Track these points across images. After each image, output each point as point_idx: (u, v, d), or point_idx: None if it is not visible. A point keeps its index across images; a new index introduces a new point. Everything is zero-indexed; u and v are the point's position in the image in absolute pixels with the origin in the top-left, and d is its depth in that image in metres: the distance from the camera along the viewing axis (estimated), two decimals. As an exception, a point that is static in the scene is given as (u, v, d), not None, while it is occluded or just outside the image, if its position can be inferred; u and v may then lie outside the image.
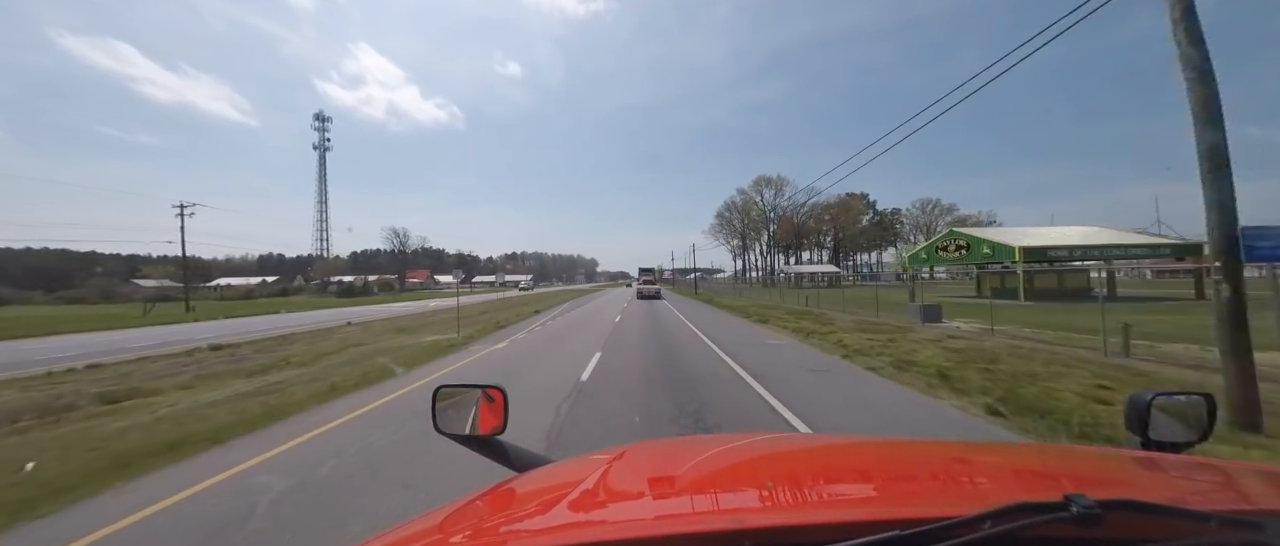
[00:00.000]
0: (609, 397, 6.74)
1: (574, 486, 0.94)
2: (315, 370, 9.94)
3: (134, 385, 9.10)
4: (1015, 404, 5.83)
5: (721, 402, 6.42)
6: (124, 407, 7.36)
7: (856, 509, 0.82)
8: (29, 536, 3.34)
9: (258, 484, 4.02)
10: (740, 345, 11.81)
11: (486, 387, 1.46)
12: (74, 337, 21.01)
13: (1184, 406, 1.19)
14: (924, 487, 0.99)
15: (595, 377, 8.10)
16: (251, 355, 13.39)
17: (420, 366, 10.00)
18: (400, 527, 0.90)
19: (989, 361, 8.52)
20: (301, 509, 3.57)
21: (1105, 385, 6.60)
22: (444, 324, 18.95)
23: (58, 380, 10.42)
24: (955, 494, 0.94)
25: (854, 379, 7.95)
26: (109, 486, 4.05)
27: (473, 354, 11.84)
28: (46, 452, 4.90)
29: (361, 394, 7.38)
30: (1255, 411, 4.78)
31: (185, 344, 16.48)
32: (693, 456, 1.19)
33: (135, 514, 3.55)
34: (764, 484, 1.01)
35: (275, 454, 4.74)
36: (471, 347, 12.90)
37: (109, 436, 5.41)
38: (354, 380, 8.23)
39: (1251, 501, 0.81)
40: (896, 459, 1.25)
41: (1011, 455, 1.34)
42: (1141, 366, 8.10)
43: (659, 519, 0.79)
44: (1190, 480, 0.98)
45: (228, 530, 3.27)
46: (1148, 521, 0.62)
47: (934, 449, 1.47)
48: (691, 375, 8.20)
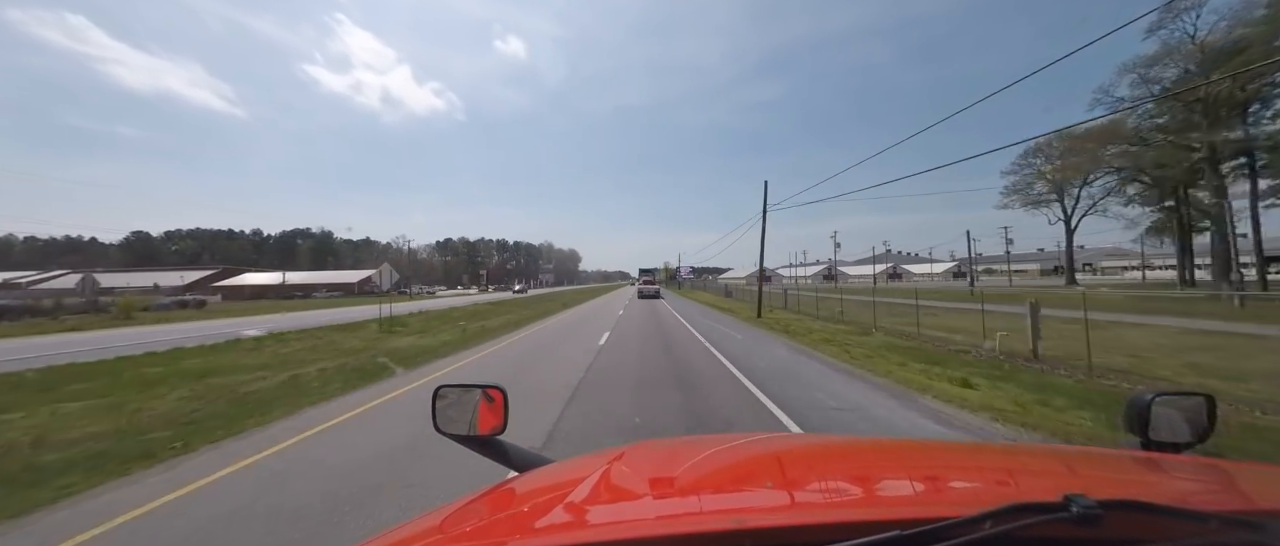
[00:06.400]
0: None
1: (574, 486, 0.94)
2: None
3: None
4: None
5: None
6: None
7: (857, 509, 0.82)
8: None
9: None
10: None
11: (487, 387, 1.45)
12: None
13: (1184, 406, 1.19)
14: (924, 487, 0.99)
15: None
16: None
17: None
18: (400, 527, 0.90)
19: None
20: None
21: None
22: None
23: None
24: (955, 494, 0.94)
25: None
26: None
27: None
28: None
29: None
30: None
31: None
32: (693, 456, 1.19)
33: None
34: (764, 484, 1.01)
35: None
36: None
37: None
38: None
39: (1251, 501, 0.81)
40: (896, 459, 1.25)
41: (1011, 455, 1.34)
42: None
43: (659, 519, 0.79)
44: (1190, 480, 0.98)
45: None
46: (1148, 521, 0.62)
47: (934, 449, 1.47)
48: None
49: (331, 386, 7.72)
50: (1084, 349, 8.47)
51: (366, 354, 11.25)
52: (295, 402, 6.70)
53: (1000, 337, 10.39)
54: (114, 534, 3.30)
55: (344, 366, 9.52)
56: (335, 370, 9.11)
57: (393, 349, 12.08)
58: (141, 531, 3.33)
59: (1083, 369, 8.31)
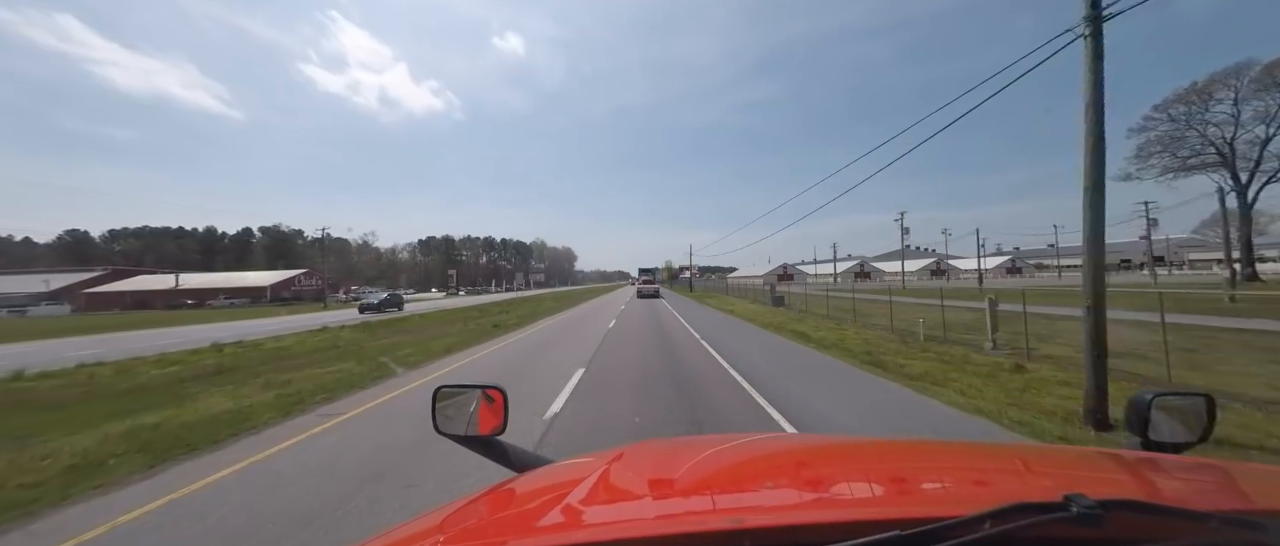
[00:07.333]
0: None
1: (574, 486, 0.94)
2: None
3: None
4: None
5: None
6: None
7: (857, 509, 0.82)
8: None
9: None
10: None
11: (486, 388, 1.45)
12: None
13: (1184, 406, 1.19)
14: (924, 487, 0.99)
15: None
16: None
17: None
18: (401, 527, 0.90)
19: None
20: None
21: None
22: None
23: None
24: (955, 494, 0.94)
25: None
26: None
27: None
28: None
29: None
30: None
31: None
32: (692, 456, 1.18)
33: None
34: (764, 484, 1.01)
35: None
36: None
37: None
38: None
39: (1251, 501, 0.81)
40: (896, 459, 1.25)
41: (1011, 455, 1.34)
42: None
43: (659, 519, 0.79)
44: (1190, 480, 0.98)
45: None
46: (1148, 521, 0.62)
47: (934, 448, 1.47)
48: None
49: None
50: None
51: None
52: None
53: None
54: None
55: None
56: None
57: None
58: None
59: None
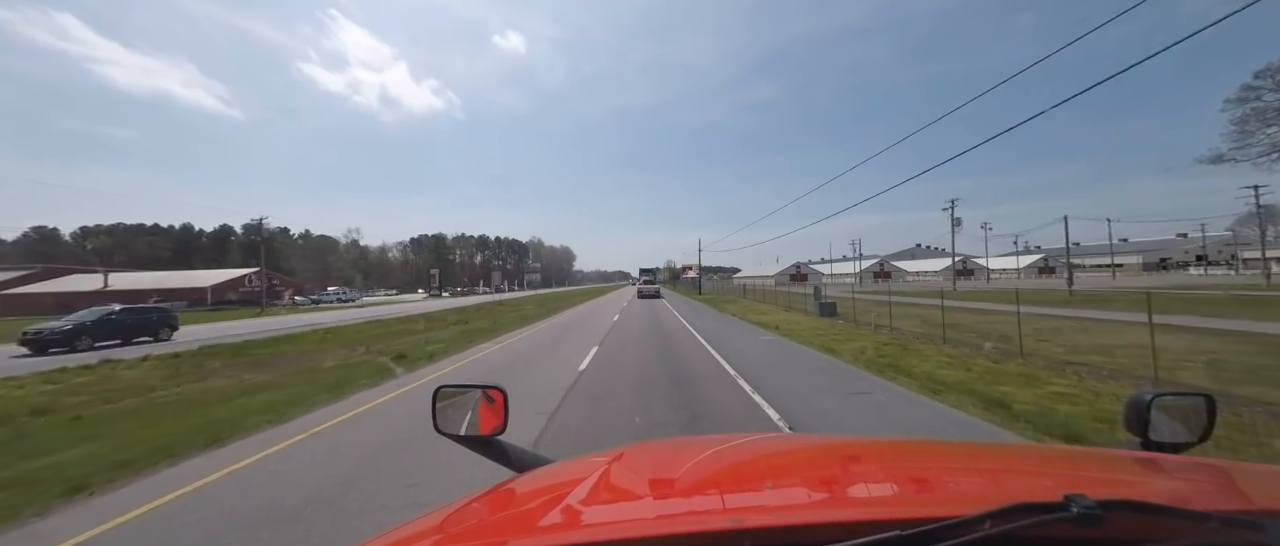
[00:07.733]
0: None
1: (574, 486, 0.94)
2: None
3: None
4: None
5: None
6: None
7: (856, 508, 0.82)
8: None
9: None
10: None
11: (487, 388, 1.45)
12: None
13: (1184, 406, 1.19)
14: (924, 487, 0.99)
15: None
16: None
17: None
18: (401, 527, 0.90)
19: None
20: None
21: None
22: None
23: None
24: (955, 494, 0.94)
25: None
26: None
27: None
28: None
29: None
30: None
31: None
32: (692, 456, 1.18)
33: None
34: (764, 484, 1.01)
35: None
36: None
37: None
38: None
39: (1251, 501, 0.81)
40: (896, 459, 1.25)
41: (1011, 455, 1.33)
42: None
43: (659, 519, 0.79)
44: (1190, 480, 0.98)
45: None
46: (1148, 521, 0.62)
47: (934, 449, 1.47)
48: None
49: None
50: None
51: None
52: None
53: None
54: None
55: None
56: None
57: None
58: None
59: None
